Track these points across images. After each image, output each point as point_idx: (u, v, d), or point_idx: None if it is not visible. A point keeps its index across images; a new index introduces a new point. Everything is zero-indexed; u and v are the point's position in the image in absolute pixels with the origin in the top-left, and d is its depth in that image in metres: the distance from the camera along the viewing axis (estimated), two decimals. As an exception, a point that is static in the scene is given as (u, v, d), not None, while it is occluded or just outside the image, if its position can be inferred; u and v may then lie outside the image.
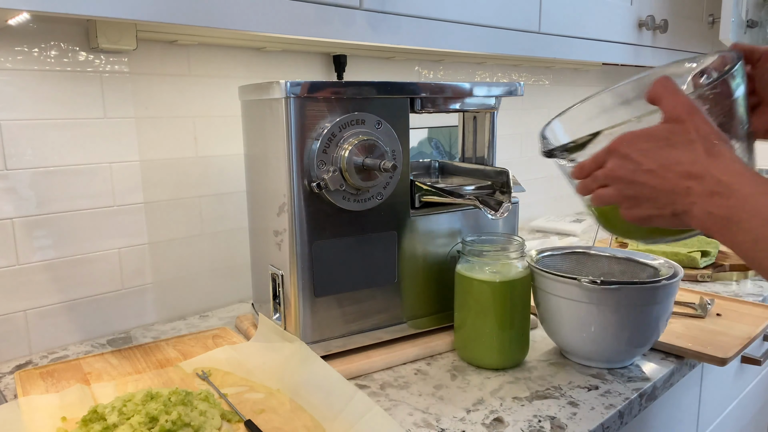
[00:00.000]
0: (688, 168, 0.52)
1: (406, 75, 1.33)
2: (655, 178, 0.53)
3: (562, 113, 0.73)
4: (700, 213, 0.51)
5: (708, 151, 0.52)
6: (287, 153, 0.75)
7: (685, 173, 0.52)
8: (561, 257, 0.92)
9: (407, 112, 0.83)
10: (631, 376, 0.80)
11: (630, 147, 0.55)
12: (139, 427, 0.62)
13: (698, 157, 0.52)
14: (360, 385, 0.77)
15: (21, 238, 0.87)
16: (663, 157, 0.53)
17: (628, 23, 1.32)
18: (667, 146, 0.53)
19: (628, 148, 0.55)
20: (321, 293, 0.80)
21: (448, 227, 0.89)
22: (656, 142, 0.54)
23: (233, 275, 1.11)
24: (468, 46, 1.00)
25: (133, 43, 0.90)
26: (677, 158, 0.53)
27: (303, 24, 0.78)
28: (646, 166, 0.54)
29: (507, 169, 0.88)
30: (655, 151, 0.54)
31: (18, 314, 0.88)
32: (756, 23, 1.64)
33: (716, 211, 0.50)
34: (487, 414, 0.71)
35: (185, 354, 0.86)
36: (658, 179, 0.53)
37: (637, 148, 0.54)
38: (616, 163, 0.56)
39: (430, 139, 1.40)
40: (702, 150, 0.52)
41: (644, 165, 0.54)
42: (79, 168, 0.91)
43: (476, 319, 0.81)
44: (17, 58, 0.84)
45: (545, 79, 1.72)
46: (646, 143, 0.54)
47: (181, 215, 1.03)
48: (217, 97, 1.04)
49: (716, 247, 1.27)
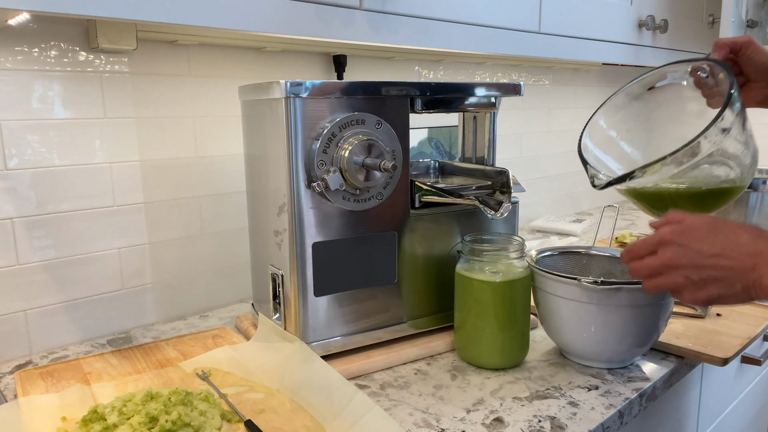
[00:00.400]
0: (748, 248, 0.58)
1: (406, 75, 1.33)
2: (722, 260, 0.59)
3: (586, 127, 0.79)
4: None
5: (755, 230, 0.60)
6: (287, 153, 0.75)
7: (748, 252, 0.58)
8: (561, 257, 0.92)
9: (407, 112, 0.83)
10: (631, 376, 0.80)
11: (684, 237, 0.61)
12: (139, 427, 0.62)
13: (752, 237, 0.59)
14: (360, 385, 0.77)
15: (21, 238, 0.87)
16: (722, 242, 0.60)
17: (628, 23, 1.32)
18: (719, 233, 0.60)
19: (683, 238, 0.61)
20: (321, 293, 0.80)
21: (448, 227, 0.89)
22: (707, 231, 0.61)
23: (233, 275, 1.11)
24: (468, 46, 1.00)
25: (133, 43, 0.90)
26: (735, 240, 0.59)
27: (303, 24, 0.78)
28: (709, 251, 0.60)
29: (507, 169, 0.88)
30: (712, 238, 0.60)
31: (18, 314, 0.88)
32: (756, 23, 1.64)
33: None
34: (487, 414, 0.71)
35: (185, 354, 0.86)
36: (725, 260, 0.59)
37: (692, 237, 0.61)
38: (676, 252, 0.61)
39: (430, 139, 1.40)
40: (750, 232, 0.60)
41: (707, 251, 0.60)
42: (79, 168, 0.91)
43: (476, 319, 0.81)
44: (17, 58, 0.84)
45: (545, 79, 1.72)
46: (699, 232, 0.61)
47: (181, 215, 1.03)
48: (217, 97, 1.04)
49: (716, 247, 1.27)
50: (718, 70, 0.73)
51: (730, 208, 1.47)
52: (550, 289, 0.81)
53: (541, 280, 0.82)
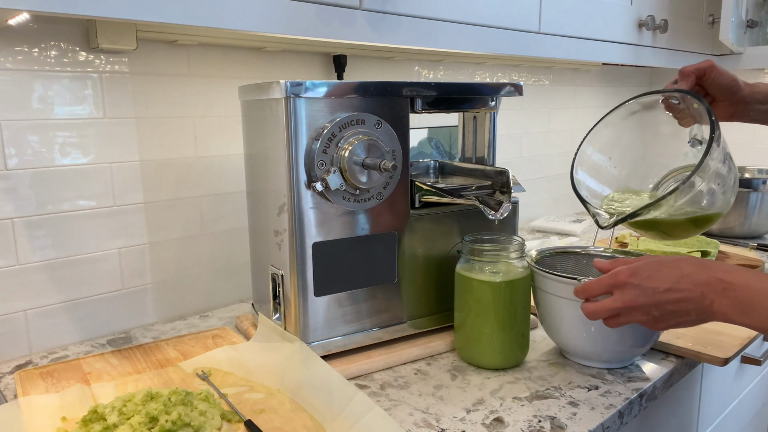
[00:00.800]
0: (694, 278, 0.63)
1: (406, 75, 1.33)
2: (675, 293, 0.64)
3: (575, 161, 0.88)
4: (720, 308, 0.62)
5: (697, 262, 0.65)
6: (287, 153, 0.75)
7: (695, 282, 0.63)
8: (561, 257, 0.92)
9: (407, 112, 0.83)
10: (631, 376, 0.80)
11: (637, 277, 0.66)
12: (139, 427, 0.62)
13: (695, 269, 0.64)
14: (360, 385, 0.77)
15: (21, 238, 0.87)
16: (670, 277, 0.64)
17: (628, 23, 1.32)
18: (666, 269, 0.65)
19: (636, 278, 0.66)
20: (321, 293, 0.80)
21: (448, 227, 0.89)
22: (656, 269, 0.66)
23: (233, 275, 1.11)
24: (468, 46, 1.00)
25: (133, 43, 0.90)
26: (681, 273, 0.64)
27: (303, 24, 0.78)
28: (662, 287, 0.64)
29: (507, 169, 0.88)
30: (662, 275, 0.65)
31: (18, 314, 0.88)
32: (756, 23, 1.64)
33: (731, 302, 0.61)
34: (487, 414, 0.71)
35: (185, 354, 0.86)
36: (678, 293, 0.64)
37: (644, 276, 0.66)
38: (632, 293, 0.66)
39: (430, 139, 1.40)
40: (692, 264, 0.65)
41: (660, 287, 0.64)
42: (79, 168, 0.91)
43: (476, 319, 0.81)
44: (17, 58, 0.84)
45: (545, 79, 1.72)
46: (648, 271, 0.66)
47: (181, 215, 1.03)
48: (217, 97, 1.04)
49: (716, 247, 1.27)
50: (690, 101, 0.78)
51: (731, 208, 1.47)
52: (550, 289, 0.81)
53: (541, 280, 0.82)
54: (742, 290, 0.60)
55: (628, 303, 0.66)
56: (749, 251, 1.36)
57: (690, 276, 0.64)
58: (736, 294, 0.61)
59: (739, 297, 0.61)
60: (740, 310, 0.61)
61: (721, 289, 0.62)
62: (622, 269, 0.67)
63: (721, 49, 1.68)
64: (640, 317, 0.67)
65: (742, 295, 0.60)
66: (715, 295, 0.62)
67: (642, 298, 0.65)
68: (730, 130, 0.87)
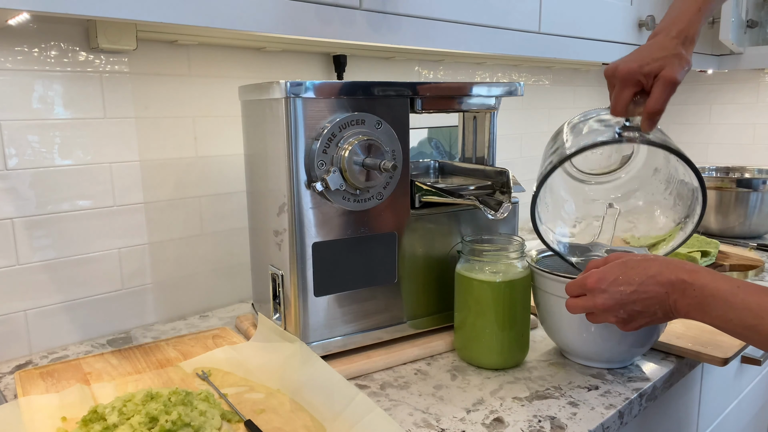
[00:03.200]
0: (659, 278, 0.66)
1: (406, 75, 1.33)
2: (640, 294, 0.67)
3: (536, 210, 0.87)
4: (683, 307, 0.65)
5: (663, 262, 0.67)
6: (287, 153, 0.75)
7: (659, 282, 0.66)
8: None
9: (407, 112, 0.83)
10: (631, 376, 0.80)
11: (604, 282, 0.69)
12: (139, 427, 0.62)
13: (659, 268, 0.66)
14: (360, 385, 0.77)
15: (21, 238, 0.87)
16: (636, 278, 0.67)
17: (628, 23, 1.32)
18: (631, 271, 0.68)
19: (603, 283, 0.69)
20: (321, 293, 0.80)
21: (448, 227, 0.89)
22: (622, 272, 0.68)
23: (233, 275, 1.11)
24: (468, 46, 1.00)
25: (133, 43, 0.90)
26: (646, 274, 0.67)
27: (303, 24, 0.78)
28: (628, 289, 0.67)
29: (507, 169, 0.88)
30: (627, 277, 0.68)
31: (18, 314, 0.88)
32: (756, 23, 1.64)
33: (692, 302, 0.64)
34: (487, 414, 0.71)
35: (185, 354, 0.86)
36: (643, 294, 0.66)
37: (611, 281, 0.68)
38: (601, 297, 0.69)
39: (430, 139, 1.40)
40: (658, 264, 0.67)
41: (626, 289, 0.67)
42: (79, 168, 0.91)
43: (476, 319, 0.81)
44: (17, 58, 0.84)
45: (545, 79, 1.72)
46: (614, 274, 0.68)
47: (181, 215, 1.03)
48: (217, 97, 1.04)
49: (716, 247, 1.27)
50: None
51: (731, 208, 1.47)
52: (550, 289, 0.81)
53: (541, 280, 0.82)
54: (699, 290, 0.63)
55: (599, 305, 0.69)
56: (749, 251, 1.36)
57: (655, 277, 0.66)
58: (695, 293, 0.64)
59: (697, 296, 0.63)
60: (699, 308, 0.64)
61: (682, 289, 0.64)
62: (592, 273, 0.70)
63: (721, 49, 1.68)
64: (610, 318, 0.70)
65: (699, 295, 0.63)
66: (678, 294, 0.65)
67: (610, 302, 0.68)
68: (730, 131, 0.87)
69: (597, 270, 0.71)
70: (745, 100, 1.91)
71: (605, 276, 0.69)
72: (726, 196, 1.47)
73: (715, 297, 0.63)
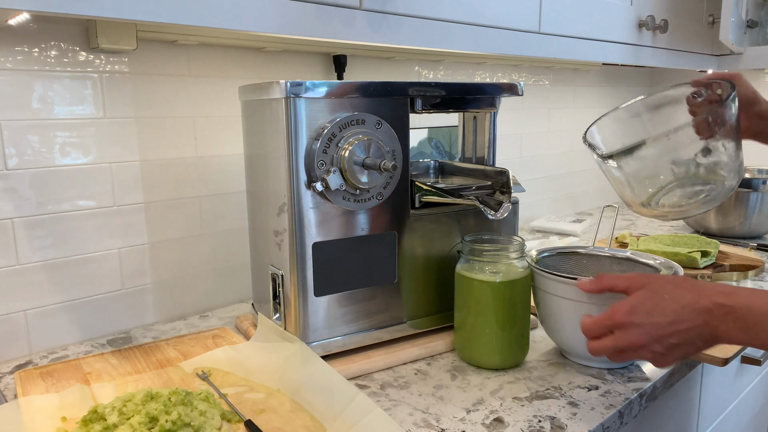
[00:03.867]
0: (695, 307, 0.61)
1: (406, 75, 1.33)
2: (678, 325, 0.62)
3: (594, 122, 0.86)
4: (724, 332, 0.61)
5: (692, 287, 0.63)
6: (287, 153, 0.75)
7: (696, 310, 0.61)
8: (561, 257, 0.92)
9: (407, 112, 0.83)
10: (631, 376, 0.80)
11: (637, 315, 0.63)
12: (139, 427, 0.62)
13: (694, 296, 0.62)
14: (360, 385, 0.77)
15: (21, 238, 0.87)
16: (671, 308, 0.62)
17: (628, 23, 1.32)
18: (664, 301, 0.63)
19: (636, 317, 0.63)
20: (321, 293, 0.80)
21: (448, 227, 0.89)
22: (654, 302, 0.63)
23: (233, 275, 1.11)
24: (468, 46, 1.00)
25: (133, 43, 0.90)
26: (681, 304, 0.62)
27: (303, 24, 0.78)
28: (664, 321, 0.62)
29: (507, 169, 0.88)
30: (661, 308, 0.62)
31: (18, 314, 0.88)
32: (756, 23, 1.64)
33: (736, 325, 0.60)
34: (487, 414, 0.71)
35: (185, 354, 0.86)
36: (680, 325, 0.62)
37: (644, 313, 0.63)
38: (634, 333, 0.63)
39: (430, 139, 1.40)
40: (690, 291, 0.63)
41: (661, 321, 0.62)
42: (79, 168, 0.91)
43: (476, 319, 0.81)
44: (17, 58, 0.84)
45: (545, 79, 1.72)
46: (647, 306, 0.63)
47: (181, 215, 1.03)
48: (217, 97, 1.04)
49: (716, 248, 1.27)
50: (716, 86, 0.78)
51: (731, 208, 1.47)
52: (550, 289, 0.81)
53: (541, 280, 0.82)
54: (743, 311, 0.60)
55: (632, 342, 0.63)
56: (749, 251, 1.36)
57: (690, 306, 0.62)
58: (737, 316, 0.60)
59: (741, 319, 0.60)
60: (744, 331, 0.60)
61: (723, 314, 0.60)
62: (621, 306, 0.65)
63: (721, 49, 1.68)
64: (646, 355, 0.64)
65: (744, 316, 0.60)
66: (718, 321, 0.61)
67: (645, 337, 0.63)
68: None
69: (625, 302, 0.65)
70: (745, 100, 1.91)
71: (638, 308, 0.63)
72: (726, 196, 1.47)
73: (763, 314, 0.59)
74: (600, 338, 0.66)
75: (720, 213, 1.49)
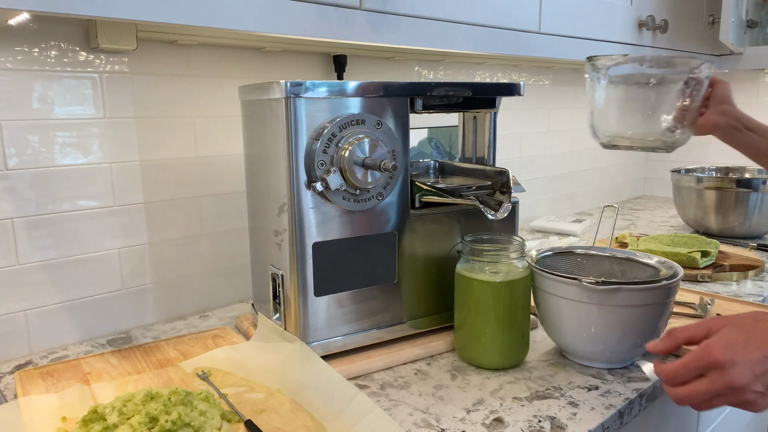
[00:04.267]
0: None
1: (406, 75, 1.33)
2: None
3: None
4: None
5: None
6: (287, 153, 0.75)
7: None
8: (561, 257, 0.92)
9: (407, 112, 0.83)
10: (631, 376, 0.80)
11: (732, 352, 0.57)
12: (139, 427, 0.62)
13: None
14: (360, 385, 0.77)
15: (21, 238, 0.87)
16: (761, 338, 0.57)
17: (628, 23, 1.32)
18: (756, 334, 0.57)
19: (731, 354, 0.57)
20: (321, 293, 0.80)
21: (448, 227, 0.89)
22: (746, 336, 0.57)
23: (233, 275, 1.11)
24: (468, 46, 1.00)
25: (133, 43, 0.90)
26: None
27: (303, 24, 0.78)
28: (760, 355, 0.56)
29: (507, 169, 0.88)
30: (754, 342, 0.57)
31: (18, 314, 0.88)
32: (756, 23, 1.64)
33: None
34: (487, 414, 0.71)
35: (185, 354, 0.86)
36: None
37: (738, 349, 0.57)
38: (732, 373, 0.56)
39: (430, 139, 1.40)
40: None
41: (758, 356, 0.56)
42: (79, 168, 0.91)
43: (476, 319, 0.81)
44: (17, 58, 0.84)
45: (545, 79, 1.72)
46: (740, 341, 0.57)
47: (181, 215, 1.03)
48: (217, 97, 1.04)
49: (716, 248, 1.27)
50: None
51: (731, 208, 1.47)
52: (550, 289, 0.81)
53: (541, 280, 0.82)
54: None
55: (730, 383, 0.56)
56: (749, 251, 1.36)
57: None
58: None
59: None
60: None
61: None
62: (716, 344, 0.57)
63: (721, 49, 1.68)
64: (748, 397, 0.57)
65: None
66: None
67: (745, 376, 0.55)
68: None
69: (718, 339, 0.58)
70: (745, 101, 1.91)
71: (729, 344, 0.57)
72: (726, 196, 1.47)
73: None
74: (688, 383, 0.59)
75: (720, 213, 1.49)
